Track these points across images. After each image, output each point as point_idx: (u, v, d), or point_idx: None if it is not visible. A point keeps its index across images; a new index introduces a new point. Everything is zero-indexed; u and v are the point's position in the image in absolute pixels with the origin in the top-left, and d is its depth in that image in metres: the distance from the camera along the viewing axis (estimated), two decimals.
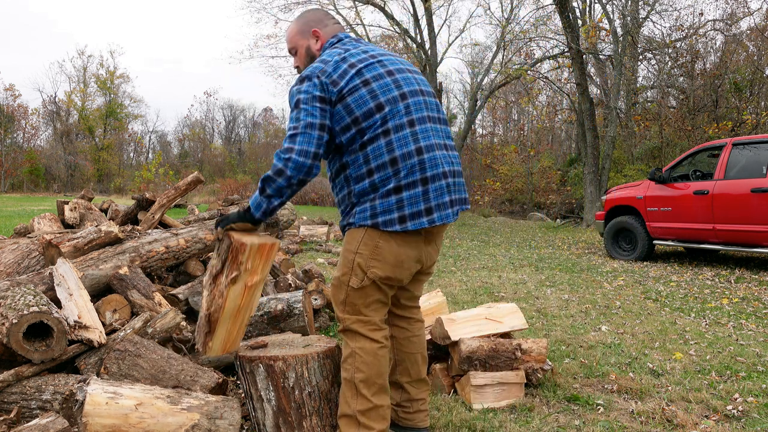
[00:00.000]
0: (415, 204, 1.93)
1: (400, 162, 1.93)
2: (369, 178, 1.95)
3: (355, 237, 1.99)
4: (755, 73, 14.98)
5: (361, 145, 1.96)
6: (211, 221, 4.47)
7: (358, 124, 1.95)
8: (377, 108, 1.95)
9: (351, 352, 2.00)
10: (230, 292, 2.06)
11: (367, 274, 1.97)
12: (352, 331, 2.01)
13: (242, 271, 2.06)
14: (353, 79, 1.96)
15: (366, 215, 1.95)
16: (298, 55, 2.23)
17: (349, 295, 2.01)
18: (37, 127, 42.73)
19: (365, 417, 1.97)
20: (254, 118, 49.32)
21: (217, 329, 2.10)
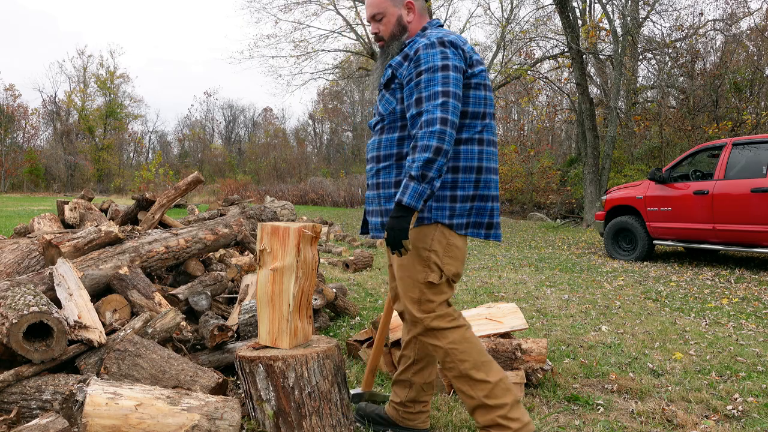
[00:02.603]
0: (480, 216, 1.99)
1: (484, 173, 1.96)
2: (452, 174, 1.94)
3: (427, 234, 1.95)
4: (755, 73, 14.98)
5: (457, 140, 1.92)
6: (211, 221, 4.47)
7: (464, 119, 1.94)
8: (482, 116, 1.96)
9: (445, 351, 1.96)
10: (260, 276, 2.21)
11: (444, 271, 1.95)
12: (434, 329, 1.97)
13: (262, 251, 2.16)
14: (481, 77, 1.95)
15: (445, 214, 1.94)
16: (384, 23, 2.10)
17: (424, 292, 1.96)
18: (37, 127, 42.78)
19: (492, 398, 1.92)
20: (254, 118, 49.35)
21: (260, 316, 2.24)
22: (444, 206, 1.94)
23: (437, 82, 1.84)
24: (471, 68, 1.93)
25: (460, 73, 1.87)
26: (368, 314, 4.45)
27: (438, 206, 1.94)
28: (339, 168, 36.98)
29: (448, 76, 1.84)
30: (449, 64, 1.85)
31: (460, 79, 1.87)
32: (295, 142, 45.34)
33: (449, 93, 1.82)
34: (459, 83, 1.86)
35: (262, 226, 2.21)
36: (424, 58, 1.88)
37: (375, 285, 5.82)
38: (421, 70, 1.88)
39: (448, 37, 1.91)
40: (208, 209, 10.78)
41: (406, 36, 2.09)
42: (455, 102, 1.82)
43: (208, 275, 3.87)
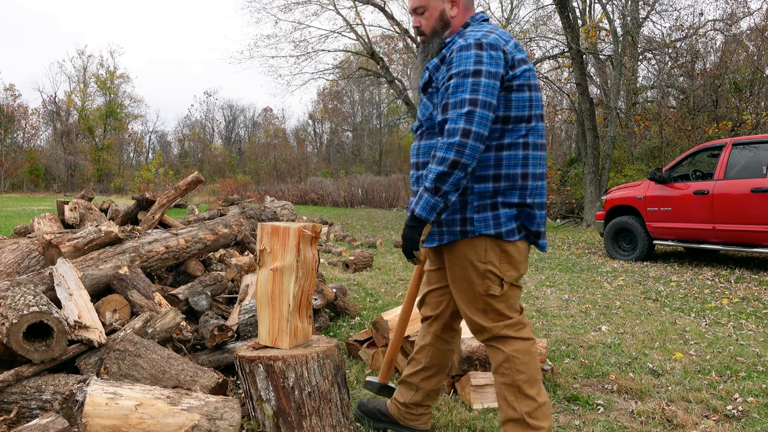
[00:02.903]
0: (530, 222, 1.90)
1: (529, 179, 1.87)
2: (494, 183, 1.84)
3: (478, 246, 1.87)
4: (755, 73, 14.98)
5: (498, 146, 1.83)
6: (211, 221, 4.47)
7: (506, 124, 1.84)
8: (527, 118, 1.85)
9: (507, 357, 1.90)
10: (260, 276, 2.21)
11: (504, 280, 1.88)
12: (502, 336, 1.92)
13: (262, 251, 2.17)
14: (524, 77, 1.83)
15: (489, 224, 1.85)
16: (426, 16, 1.99)
17: (489, 303, 1.90)
18: (37, 127, 42.78)
19: (533, 417, 1.88)
20: (254, 118, 49.35)
21: (260, 316, 2.24)
22: (486, 217, 1.86)
23: (466, 88, 1.73)
24: (513, 69, 1.81)
25: (495, 79, 1.75)
26: (368, 314, 4.45)
27: (480, 218, 1.86)
28: (339, 168, 36.99)
29: (479, 82, 1.73)
30: (482, 70, 1.74)
31: (495, 86, 1.75)
32: (295, 142, 45.35)
33: (477, 102, 1.71)
34: (492, 91, 1.74)
35: (262, 226, 2.21)
36: (456, 61, 1.78)
37: (375, 285, 5.82)
38: (452, 74, 1.78)
39: (488, 38, 1.78)
40: (208, 209, 10.78)
41: (449, 32, 1.98)
42: (484, 111, 1.72)
43: (208, 275, 3.87)
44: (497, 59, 1.76)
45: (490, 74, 1.74)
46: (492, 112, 1.74)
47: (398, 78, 20.79)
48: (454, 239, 1.90)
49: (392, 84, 19.41)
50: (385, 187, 26.67)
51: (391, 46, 22.34)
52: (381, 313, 3.27)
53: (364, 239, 10.36)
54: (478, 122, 1.71)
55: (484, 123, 1.72)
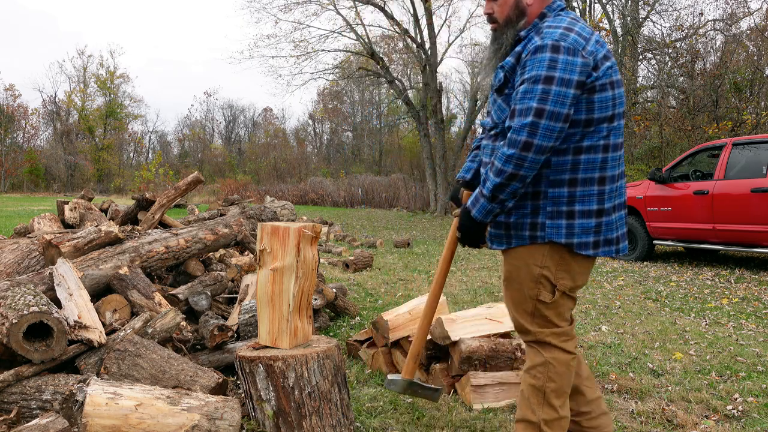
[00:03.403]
0: (610, 231, 1.81)
1: (607, 183, 1.77)
2: (569, 188, 1.76)
3: (538, 250, 1.81)
4: (755, 73, 14.98)
5: (576, 149, 1.74)
6: (211, 221, 4.47)
7: (588, 127, 1.74)
8: (609, 118, 1.75)
9: (544, 361, 1.85)
10: (260, 276, 2.22)
11: (557, 287, 1.82)
12: (545, 342, 1.87)
13: (262, 251, 2.17)
14: (606, 75, 1.72)
15: (561, 232, 1.77)
16: (500, 2, 1.87)
17: (538, 308, 1.84)
18: (37, 127, 42.78)
19: (549, 427, 1.84)
20: (254, 118, 49.35)
21: (260, 316, 2.25)
22: (560, 224, 1.77)
23: (534, 95, 1.65)
24: (595, 70, 1.69)
25: (568, 87, 1.64)
26: (368, 314, 4.45)
27: (553, 224, 1.77)
28: (339, 168, 36.99)
29: (549, 90, 1.64)
30: (554, 77, 1.64)
31: (567, 95, 1.65)
32: (295, 142, 45.35)
33: (543, 112, 1.63)
34: (563, 99, 1.64)
35: (262, 226, 2.21)
36: (530, 65, 1.69)
37: (375, 285, 5.82)
38: (524, 78, 1.70)
39: (567, 40, 1.67)
40: (208, 209, 10.78)
41: (524, 22, 1.85)
42: (550, 123, 1.63)
43: (208, 275, 3.87)
44: (573, 65, 1.66)
45: (562, 81, 1.64)
46: (561, 122, 1.66)
47: (398, 78, 20.80)
48: (521, 243, 1.83)
49: (392, 84, 19.41)
50: (385, 187, 26.67)
51: (391, 46, 22.33)
52: (381, 313, 3.27)
53: (364, 239, 10.36)
54: (542, 134, 1.64)
55: (549, 135, 1.65)
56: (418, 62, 19.67)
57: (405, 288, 5.66)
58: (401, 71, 24.94)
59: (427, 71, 18.80)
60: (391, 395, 2.72)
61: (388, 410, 2.56)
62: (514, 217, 1.82)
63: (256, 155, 42.18)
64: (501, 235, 1.87)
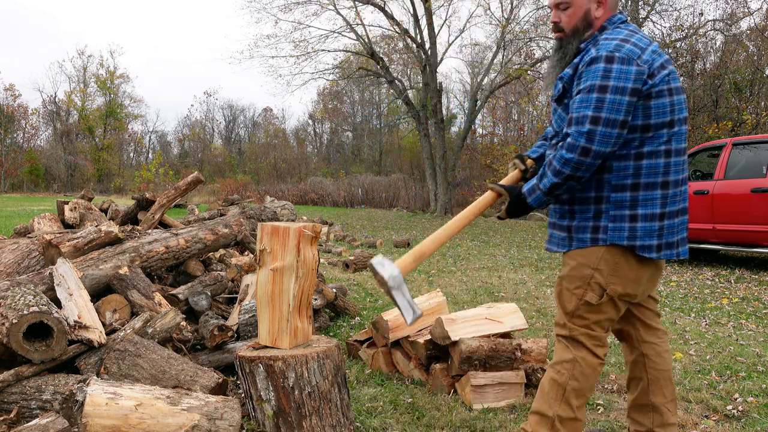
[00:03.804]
0: (671, 234, 1.83)
1: (670, 187, 1.81)
2: (631, 192, 1.79)
3: (593, 253, 1.84)
4: (755, 73, 14.98)
5: (637, 155, 1.78)
6: (211, 221, 4.47)
7: (646, 132, 1.78)
8: (669, 124, 1.79)
9: (572, 358, 1.87)
10: (260, 276, 2.22)
11: (607, 291, 1.83)
12: (577, 340, 1.89)
13: (262, 251, 2.18)
14: (663, 82, 1.77)
15: (623, 235, 1.80)
16: (569, 13, 1.91)
17: (579, 308, 1.87)
18: (37, 127, 42.77)
19: (562, 425, 1.85)
20: (254, 118, 49.35)
21: (260, 316, 2.25)
22: (622, 227, 1.80)
23: (590, 104, 1.72)
24: (651, 78, 1.74)
25: (623, 95, 1.71)
26: (368, 314, 4.45)
27: (615, 227, 1.81)
28: (339, 168, 36.98)
29: (604, 99, 1.71)
30: (608, 85, 1.71)
31: (622, 102, 1.71)
32: (295, 142, 45.34)
33: (599, 120, 1.71)
34: (617, 107, 1.71)
35: (262, 226, 2.21)
36: (585, 75, 1.77)
37: (375, 285, 5.82)
38: (579, 89, 1.78)
39: (621, 50, 1.74)
40: (208, 209, 10.79)
41: (589, 33, 1.91)
42: (606, 129, 1.70)
43: (208, 275, 3.87)
44: (627, 74, 1.72)
45: (617, 90, 1.71)
46: (618, 128, 1.72)
47: (398, 78, 20.80)
48: (582, 246, 1.86)
49: (392, 84, 19.41)
50: (385, 187, 26.67)
51: (391, 46, 22.32)
52: (381, 313, 3.27)
53: (364, 239, 10.36)
54: (599, 141, 1.71)
55: (606, 141, 1.72)
56: (418, 62, 19.66)
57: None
58: (401, 71, 24.94)
59: (427, 71, 18.80)
60: (391, 395, 2.72)
61: (388, 410, 2.56)
62: (577, 220, 1.88)
63: (256, 155, 42.17)
64: (563, 238, 1.93)
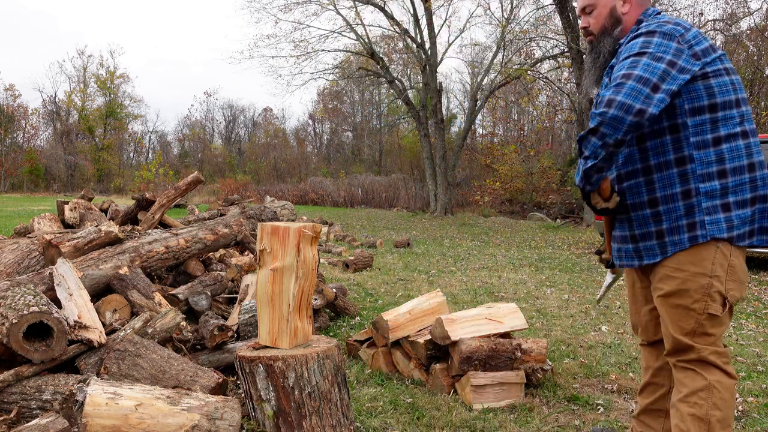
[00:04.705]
0: (764, 219, 1.73)
1: (757, 170, 1.71)
2: (721, 180, 1.70)
3: (704, 256, 1.70)
4: (755, 73, 14.99)
5: (715, 139, 1.70)
6: (211, 221, 4.47)
7: (715, 112, 1.70)
8: (737, 103, 1.71)
9: (707, 385, 1.70)
10: (260, 276, 2.23)
11: (728, 299, 1.70)
12: (708, 362, 1.72)
13: (262, 251, 2.18)
14: (717, 62, 1.70)
15: (722, 227, 1.69)
16: (595, 15, 1.90)
17: (702, 324, 1.71)
18: (37, 127, 42.76)
19: None
20: (254, 118, 49.34)
21: (260, 316, 2.25)
22: (718, 219, 1.70)
23: (624, 67, 1.65)
24: (696, 58, 1.66)
25: (661, 62, 1.63)
26: (368, 314, 4.45)
27: (712, 220, 1.70)
28: (339, 168, 36.98)
29: (638, 61, 1.64)
30: (646, 52, 1.65)
31: (658, 68, 1.62)
32: (295, 142, 45.34)
33: (631, 76, 1.62)
34: (652, 69, 1.61)
35: (262, 226, 2.21)
36: (625, 50, 1.72)
37: (375, 285, 5.82)
38: (619, 61, 1.73)
39: (664, 28, 1.69)
40: (208, 209, 10.79)
41: (620, 30, 1.88)
42: (636, 84, 1.60)
43: (208, 275, 3.87)
44: (667, 47, 1.65)
45: (653, 57, 1.63)
46: (648, 88, 1.60)
47: (398, 78, 20.80)
48: (680, 249, 1.74)
49: (392, 84, 19.41)
50: (385, 187, 26.67)
51: (391, 46, 22.34)
52: (381, 313, 3.27)
53: (364, 239, 10.36)
54: (626, 93, 1.60)
55: (634, 95, 1.60)
56: (418, 62, 19.66)
57: (405, 288, 5.66)
58: (401, 71, 24.95)
59: (427, 71, 18.80)
60: (391, 395, 2.72)
61: (388, 410, 2.56)
62: (666, 222, 1.75)
63: (256, 155, 42.18)
64: (653, 246, 1.79)
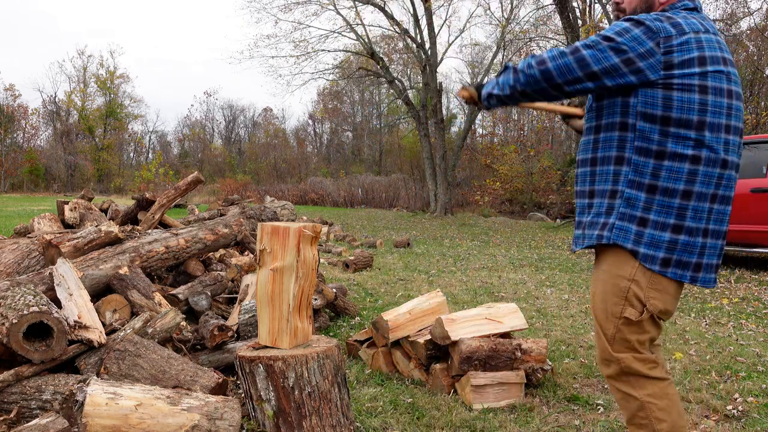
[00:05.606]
0: (689, 254, 1.64)
1: (693, 199, 1.61)
2: (648, 194, 1.63)
3: (627, 261, 1.66)
4: (755, 73, 14.99)
5: (659, 152, 1.61)
6: (211, 221, 4.47)
7: (666, 126, 1.60)
8: (698, 125, 1.59)
9: (640, 405, 1.67)
10: (260, 276, 2.23)
11: (647, 307, 1.67)
12: (631, 374, 1.70)
13: (262, 251, 2.18)
14: (693, 77, 1.57)
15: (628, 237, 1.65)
16: None
17: (620, 329, 1.70)
18: (37, 127, 42.77)
19: None
20: (254, 118, 49.36)
21: (260, 316, 2.25)
22: (629, 228, 1.65)
23: (589, 39, 1.61)
24: (667, 68, 1.57)
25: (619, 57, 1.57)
26: (368, 314, 4.45)
27: (621, 226, 1.66)
28: (339, 168, 36.99)
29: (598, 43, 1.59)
30: (614, 40, 1.58)
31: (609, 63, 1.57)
32: (295, 142, 45.35)
33: (578, 52, 1.59)
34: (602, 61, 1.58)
35: (262, 226, 2.21)
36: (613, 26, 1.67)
37: (375, 285, 5.82)
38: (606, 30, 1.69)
39: (654, 23, 1.59)
40: (208, 209, 10.79)
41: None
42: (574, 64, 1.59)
43: (208, 275, 3.87)
44: (640, 43, 1.57)
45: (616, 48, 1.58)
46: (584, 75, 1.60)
47: (398, 78, 20.81)
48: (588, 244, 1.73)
49: (392, 84, 19.42)
50: (385, 187, 26.68)
51: (391, 46, 22.34)
52: (381, 313, 3.27)
53: (364, 239, 10.36)
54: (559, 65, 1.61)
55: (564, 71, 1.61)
56: (418, 62, 19.67)
57: (405, 288, 5.66)
58: (401, 71, 24.95)
59: (427, 71, 18.80)
60: (391, 395, 2.72)
61: (388, 410, 2.56)
62: (591, 216, 1.74)
63: (256, 155, 42.19)
64: (578, 236, 1.80)
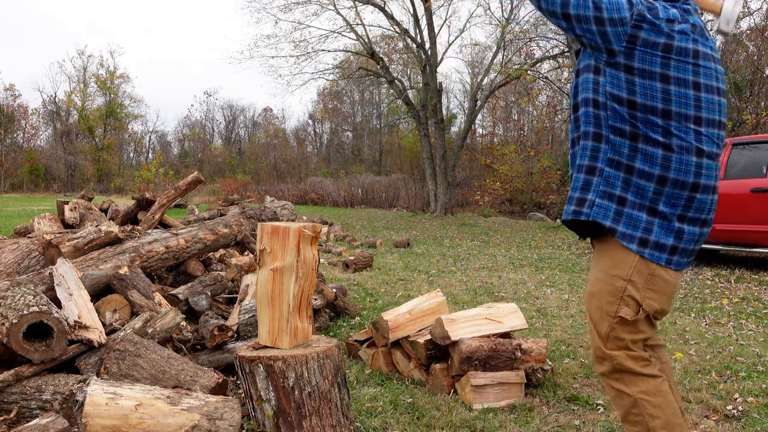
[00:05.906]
0: (666, 237, 1.65)
1: (667, 185, 1.61)
2: (626, 174, 1.63)
3: (624, 261, 1.65)
4: (755, 73, 14.98)
5: (633, 134, 1.61)
6: (211, 221, 4.47)
7: (634, 110, 1.59)
8: (664, 114, 1.58)
9: (634, 401, 1.67)
10: (260, 276, 2.23)
11: (643, 307, 1.65)
12: (623, 371, 1.69)
13: (262, 251, 2.19)
14: (655, 63, 1.58)
15: (608, 215, 1.64)
16: None
17: (614, 328, 1.68)
18: (37, 127, 42.77)
19: None
20: (254, 118, 49.35)
21: (260, 316, 2.26)
22: (609, 206, 1.64)
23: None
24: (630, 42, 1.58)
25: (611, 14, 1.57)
26: (368, 314, 4.45)
27: (601, 204, 1.66)
28: (339, 168, 36.98)
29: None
30: None
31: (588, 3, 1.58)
32: (295, 142, 45.35)
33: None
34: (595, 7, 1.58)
35: (262, 226, 2.22)
36: None
37: (375, 285, 5.82)
38: None
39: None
40: (208, 209, 10.79)
41: None
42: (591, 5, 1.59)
43: (208, 275, 3.87)
44: (618, 5, 1.59)
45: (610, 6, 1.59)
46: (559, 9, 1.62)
47: (398, 78, 20.80)
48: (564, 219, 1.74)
49: (392, 84, 19.41)
50: (385, 187, 26.67)
51: (391, 46, 22.33)
52: (381, 313, 3.27)
53: (364, 239, 10.36)
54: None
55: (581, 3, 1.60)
56: (418, 62, 19.66)
57: (405, 288, 5.66)
58: (401, 71, 24.94)
59: (427, 71, 18.80)
60: (391, 395, 2.72)
61: (388, 410, 2.56)
62: (571, 191, 1.73)
63: (256, 155, 42.18)
64: (565, 209, 1.78)
